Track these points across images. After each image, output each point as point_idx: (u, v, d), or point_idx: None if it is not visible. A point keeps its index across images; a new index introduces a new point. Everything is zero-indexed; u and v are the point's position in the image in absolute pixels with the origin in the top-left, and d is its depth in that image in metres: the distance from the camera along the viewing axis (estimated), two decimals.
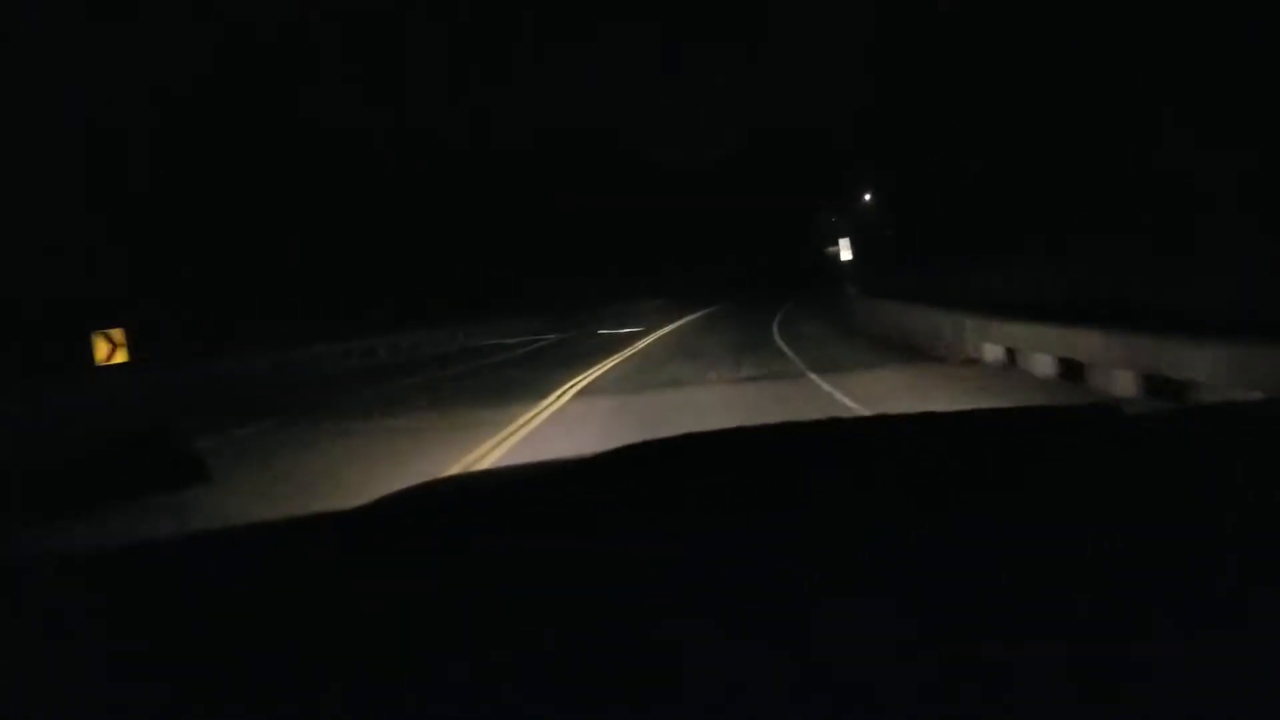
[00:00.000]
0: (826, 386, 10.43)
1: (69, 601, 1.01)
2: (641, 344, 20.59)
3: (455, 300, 32.80)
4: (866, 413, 5.79)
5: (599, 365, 15.36)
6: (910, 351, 13.74)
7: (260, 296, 25.11)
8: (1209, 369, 6.98)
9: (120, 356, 16.55)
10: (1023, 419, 1.42)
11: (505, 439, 8.41)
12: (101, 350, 16.53)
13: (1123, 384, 8.31)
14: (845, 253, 44.94)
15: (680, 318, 32.12)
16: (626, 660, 0.75)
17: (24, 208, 18.94)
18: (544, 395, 11.29)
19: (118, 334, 16.63)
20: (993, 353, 11.46)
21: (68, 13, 22.14)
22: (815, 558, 0.91)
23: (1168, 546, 0.88)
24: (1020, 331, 10.74)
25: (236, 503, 5.83)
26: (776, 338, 19.30)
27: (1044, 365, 9.98)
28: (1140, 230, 14.01)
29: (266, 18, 28.60)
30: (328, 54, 31.79)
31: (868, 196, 42.41)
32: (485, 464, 7.15)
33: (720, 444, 1.27)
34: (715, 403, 9.86)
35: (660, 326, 27.16)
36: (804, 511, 1.02)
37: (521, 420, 9.37)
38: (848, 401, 9.14)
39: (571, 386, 12.21)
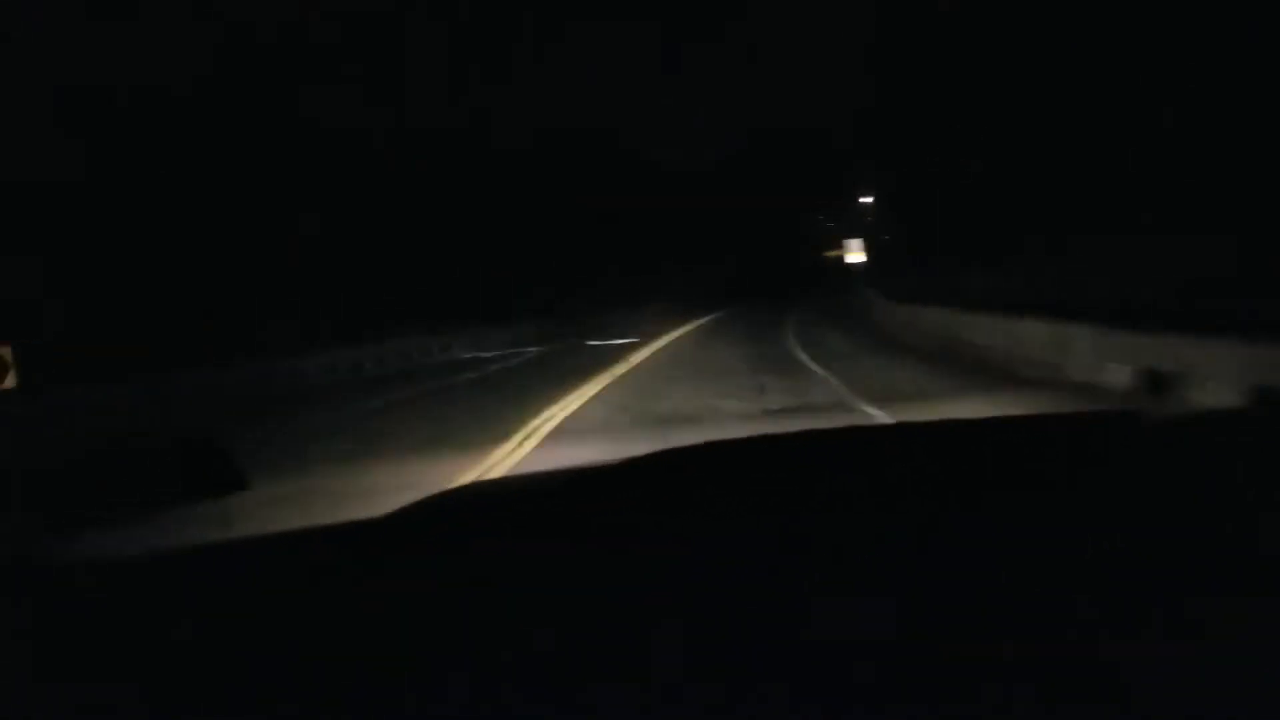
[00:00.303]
0: None
1: (70, 602, 1.01)
2: (639, 357, 18.05)
3: (452, 301, 32.72)
4: None
5: (586, 388, 12.78)
6: (981, 371, 11.08)
7: (260, 297, 25.10)
8: None
9: (10, 382, 12.77)
10: (1040, 425, 1.44)
11: None
12: None
13: None
14: (858, 255, 44.53)
15: (683, 323, 29.93)
16: (627, 660, 0.75)
17: (22, 206, 18.96)
18: (504, 437, 8.77)
19: (5, 351, 12.80)
20: (1119, 376, 8.64)
21: (68, 13, 22.15)
22: (818, 559, 0.91)
23: (1168, 548, 0.88)
24: (1180, 350, 7.86)
25: None
26: (800, 351, 16.61)
27: (1224, 395, 7.22)
28: (1141, 230, 14.05)
29: (266, 18, 28.57)
30: (328, 54, 31.73)
31: (869, 199, 42.51)
32: None
33: (735, 452, 1.27)
34: None
35: (662, 334, 24.68)
36: (806, 514, 1.02)
37: (461, 482, 6.11)
38: None
39: (545, 422, 9.71)
